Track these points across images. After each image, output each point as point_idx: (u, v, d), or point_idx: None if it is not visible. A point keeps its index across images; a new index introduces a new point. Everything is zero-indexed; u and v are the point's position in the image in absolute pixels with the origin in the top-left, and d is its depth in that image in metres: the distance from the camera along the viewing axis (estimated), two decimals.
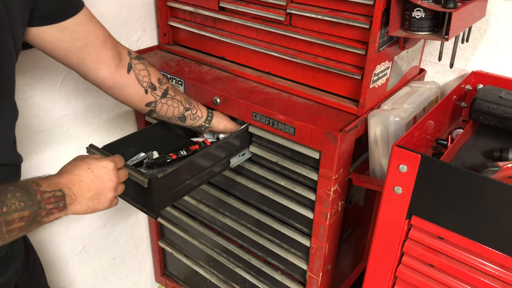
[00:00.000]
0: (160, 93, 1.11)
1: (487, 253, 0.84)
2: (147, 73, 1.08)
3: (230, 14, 1.32)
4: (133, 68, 1.05)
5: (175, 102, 1.15)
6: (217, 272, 1.63)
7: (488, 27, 1.25)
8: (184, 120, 1.19)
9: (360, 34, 1.10)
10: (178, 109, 1.16)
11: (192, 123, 1.21)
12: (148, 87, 1.08)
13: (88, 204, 0.82)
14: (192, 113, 1.19)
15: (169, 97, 1.14)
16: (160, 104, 1.13)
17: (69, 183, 0.80)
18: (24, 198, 0.71)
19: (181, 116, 1.17)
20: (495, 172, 0.91)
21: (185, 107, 1.18)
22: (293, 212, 1.25)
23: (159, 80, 1.12)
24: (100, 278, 1.71)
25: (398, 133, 1.08)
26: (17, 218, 0.70)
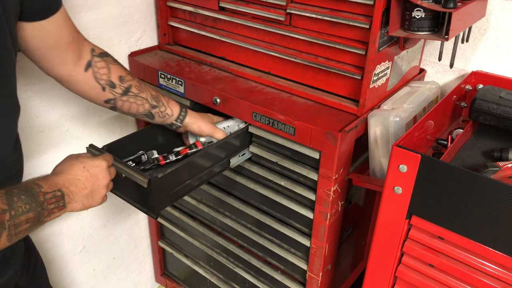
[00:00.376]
0: (120, 90, 1.09)
1: (487, 253, 0.84)
2: (107, 71, 1.07)
3: (230, 14, 1.32)
4: (92, 66, 1.04)
5: (138, 100, 1.12)
6: (217, 272, 1.63)
7: (488, 27, 1.25)
8: (153, 117, 1.16)
9: (360, 34, 1.10)
10: (143, 107, 1.13)
11: (162, 121, 1.18)
12: (106, 85, 1.06)
13: (84, 201, 0.88)
14: (161, 111, 1.16)
15: (132, 95, 1.11)
16: (120, 102, 1.10)
17: (67, 183, 0.84)
18: (28, 201, 0.74)
19: (147, 113, 1.15)
20: (495, 172, 0.91)
21: (152, 104, 1.14)
22: (293, 212, 1.25)
23: (121, 78, 1.09)
24: (100, 278, 1.71)
25: (398, 133, 1.08)
26: (24, 221, 0.73)
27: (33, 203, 0.75)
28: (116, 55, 1.43)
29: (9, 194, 0.73)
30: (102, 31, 1.36)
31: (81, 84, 1.04)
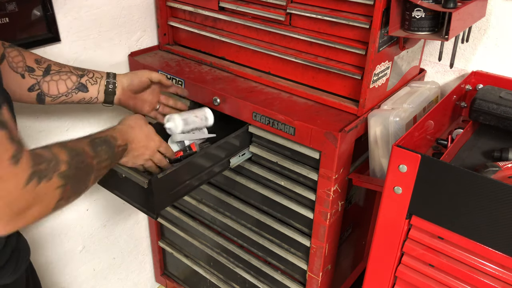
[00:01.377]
0: (40, 72, 1.03)
1: (487, 253, 0.84)
2: (22, 58, 1.01)
3: (230, 14, 1.32)
4: (6, 56, 0.99)
5: (62, 74, 1.06)
6: (217, 272, 1.63)
7: (488, 27, 1.25)
8: (85, 88, 1.09)
9: (360, 34, 1.10)
10: (71, 80, 1.07)
11: (96, 88, 1.10)
12: (24, 71, 1.01)
13: (127, 159, 1.01)
14: (89, 77, 1.10)
15: (54, 72, 1.05)
16: (45, 84, 1.04)
17: (131, 141, 0.99)
18: (108, 151, 0.88)
19: (78, 85, 1.08)
20: (495, 172, 0.91)
21: (78, 74, 1.08)
22: (293, 212, 1.25)
23: (37, 60, 1.04)
24: (100, 278, 1.71)
25: (398, 133, 1.08)
26: (103, 167, 0.87)
27: (111, 153, 0.89)
28: (116, 55, 1.44)
29: (93, 144, 0.85)
30: (102, 31, 1.36)
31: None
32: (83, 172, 0.80)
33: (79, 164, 0.78)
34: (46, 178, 0.68)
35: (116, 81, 1.13)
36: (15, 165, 0.63)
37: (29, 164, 0.65)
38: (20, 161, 0.63)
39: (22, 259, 0.89)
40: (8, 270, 0.85)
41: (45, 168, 0.68)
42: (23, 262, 0.89)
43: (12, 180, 0.62)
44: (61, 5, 1.23)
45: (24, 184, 0.64)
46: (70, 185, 0.74)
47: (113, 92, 1.13)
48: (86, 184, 0.82)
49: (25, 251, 0.91)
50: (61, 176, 0.72)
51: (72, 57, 1.31)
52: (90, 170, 0.82)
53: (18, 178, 0.63)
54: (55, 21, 1.22)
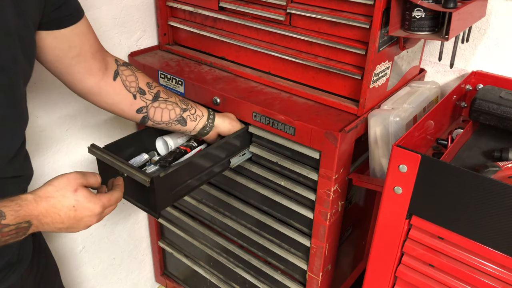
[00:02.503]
0: (150, 96, 1.08)
1: (487, 253, 0.84)
2: (135, 78, 1.06)
3: (230, 14, 1.32)
4: (120, 74, 1.03)
5: (169, 104, 1.11)
6: (217, 272, 1.63)
7: (488, 27, 1.26)
8: (185, 122, 1.14)
9: (360, 34, 1.10)
10: (174, 111, 1.11)
11: (194, 125, 1.15)
12: (136, 92, 1.05)
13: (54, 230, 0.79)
14: (191, 113, 1.14)
15: (162, 100, 1.10)
16: (152, 109, 1.09)
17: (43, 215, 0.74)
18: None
19: (179, 118, 1.12)
20: (495, 172, 0.91)
21: (182, 108, 1.13)
22: (293, 212, 1.25)
23: (148, 84, 1.08)
24: (100, 278, 1.71)
25: (398, 133, 1.08)
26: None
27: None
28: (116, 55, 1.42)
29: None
30: (102, 31, 1.36)
31: (111, 95, 1.03)
32: None
33: None
34: None
35: (214, 125, 1.18)
36: None
37: None
38: None
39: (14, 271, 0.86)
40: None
41: None
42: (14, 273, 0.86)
43: None
44: None
45: None
46: None
47: (207, 133, 1.18)
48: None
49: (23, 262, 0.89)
50: None
51: None
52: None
53: None
54: None
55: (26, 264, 0.91)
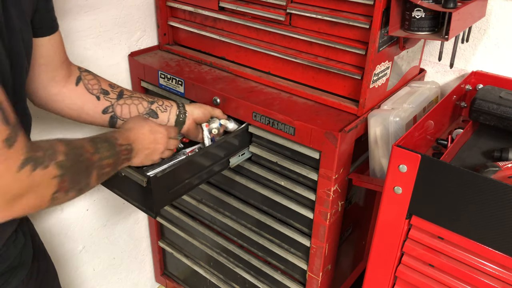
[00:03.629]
0: (114, 95, 1.08)
1: (487, 253, 0.84)
2: (97, 81, 1.07)
3: (230, 14, 1.32)
4: (82, 79, 1.05)
5: (135, 99, 1.10)
6: (217, 272, 1.63)
7: (488, 27, 1.25)
8: (156, 115, 1.12)
9: (360, 34, 1.10)
10: (142, 105, 1.11)
11: (167, 116, 1.14)
12: (99, 93, 1.07)
13: (142, 159, 0.99)
14: (159, 105, 1.13)
15: (126, 96, 1.10)
16: (118, 107, 1.08)
17: (136, 140, 0.96)
18: (109, 148, 0.86)
19: (149, 111, 1.12)
20: (495, 172, 0.91)
21: (149, 101, 1.12)
22: (293, 212, 1.25)
23: (111, 85, 1.10)
24: (100, 278, 1.71)
25: (398, 133, 1.08)
26: (106, 164, 0.84)
27: (113, 152, 0.87)
28: (116, 55, 1.44)
29: (93, 141, 0.83)
30: (102, 31, 1.36)
31: (74, 99, 1.04)
32: (82, 166, 0.77)
33: (78, 157, 0.76)
34: (41, 166, 0.66)
35: (187, 111, 1.16)
36: (9, 148, 0.61)
37: (24, 149, 0.64)
38: (14, 145, 0.62)
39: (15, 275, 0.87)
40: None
41: (41, 155, 0.67)
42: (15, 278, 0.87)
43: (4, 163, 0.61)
44: (61, 5, 1.23)
45: (18, 169, 0.63)
46: (68, 177, 0.72)
47: (184, 122, 1.16)
48: (87, 180, 0.79)
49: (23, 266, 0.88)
50: (58, 165, 0.70)
51: (72, 57, 1.31)
52: (90, 165, 0.80)
53: (11, 162, 0.62)
54: None
55: (27, 268, 0.90)
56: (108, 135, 0.90)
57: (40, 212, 1.39)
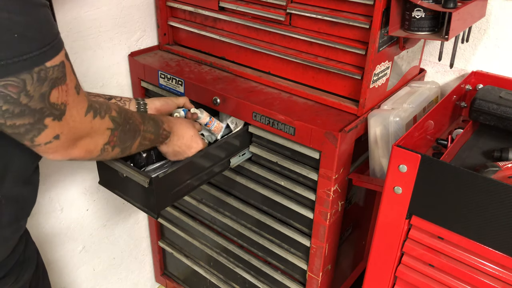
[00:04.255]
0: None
1: (487, 253, 0.84)
2: None
3: (230, 14, 1.32)
4: None
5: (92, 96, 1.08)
6: (217, 272, 1.63)
7: (488, 27, 1.26)
8: None
9: (360, 34, 1.10)
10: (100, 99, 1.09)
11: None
12: None
13: (169, 151, 1.06)
14: (117, 100, 1.14)
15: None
16: None
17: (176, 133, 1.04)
18: (154, 126, 0.96)
19: None
20: (495, 172, 0.91)
21: (106, 97, 1.12)
22: (293, 212, 1.25)
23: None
24: (100, 278, 1.71)
25: (398, 133, 1.08)
26: (147, 137, 0.94)
27: (156, 129, 0.96)
28: (116, 55, 1.44)
29: (143, 116, 0.94)
30: (102, 31, 1.36)
31: None
32: (131, 128, 0.87)
33: (128, 119, 0.86)
34: (100, 115, 0.77)
35: (147, 103, 1.16)
36: (77, 95, 0.71)
37: (86, 98, 0.74)
38: (80, 92, 0.72)
39: (26, 270, 0.89)
40: (10, 280, 0.85)
41: (99, 107, 0.77)
42: (26, 272, 0.89)
43: (76, 107, 0.71)
44: (61, 5, 1.23)
45: (84, 113, 0.73)
46: (118, 133, 0.83)
47: (145, 111, 1.15)
48: (132, 142, 0.89)
49: (30, 261, 0.91)
50: (111, 118, 0.81)
51: (72, 57, 1.31)
52: (137, 131, 0.90)
53: (80, 107, 0.72)
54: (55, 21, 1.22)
55: (33, 263, 0.93)
56: (156, 116, 1.00)
57: (40, 212, 1.39)
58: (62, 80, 0.67)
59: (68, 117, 0.70)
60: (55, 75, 0.66)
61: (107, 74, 1.44)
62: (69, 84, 0.69)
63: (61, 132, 0.70)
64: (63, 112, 0.69)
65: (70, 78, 0.69)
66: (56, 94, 0.67)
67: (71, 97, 0.70)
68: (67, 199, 1.46)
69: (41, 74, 0.64)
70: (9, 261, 0.84)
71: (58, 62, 0.66)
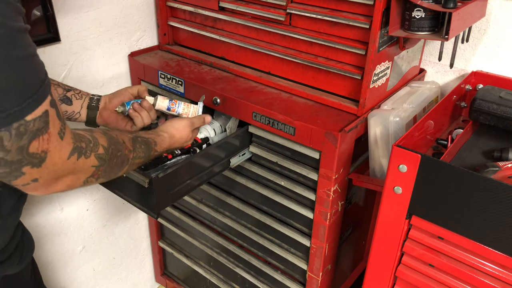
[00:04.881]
0: None
1: (487, 253, 0.84)
2: None
3: (230, 14, 1.32)
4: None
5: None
6: (217, 272, 1.63)
7: (488, 27, 1.25)
8: (70, 101, 1.10)
9: (360, 34, 1.10)
10: (57, 92, 1.08)
11: (80, 103, 1.11)
12: None
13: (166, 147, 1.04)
14: (76, 93, 1.11)
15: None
16: None
17: (168, 147, 1.03)
18: (145, 151, 0.94)
19: (63, 98, 1.09)
20: (495, 172, 0.91)
21: (65, 88, 1.10)
22: (293, 212, 1.25)
23: None
24: (100, 278, 1.71)
25: (398, 133, 1.08)
26: (137, 162, 0.92)
27: (147, 154, 0.95)
28: (116, 55, 1.44)
29: (134, 141, 0.91)
30: (102, 31, 1.36)
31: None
32: (119, 161, 0.85)
33: (116, 152, 0.84)
34: (84, 155, 0.76)
35: (100, 97, 1.14)
36: (61, 140, 0.69)
37: (72, 140, 0.72)
38: (64, 137, 0.70)
39: (27, 251, 0.93)
40: (14, 261, 0.89)
41: (85, 146, 0.76)
42: (28, 254, 0.93)
43: (58, 153, 0.69)
44: (61, 5, 1.23)
45: (67, 157, 0.71)
46: (103, 168, 0.81)
47: (96, 107, 1.12)
48: (118, 172, 0.88)
49: (29, 244, 0.95)
50: (97, 156, 0.79)
51: (72, 57, 1.31)
52: (124, 161, 0.88)
53: (63, 152, 0.70)
54: (55, 21, 1.22)
55: (32, 247, 0.96)
56: (150, 138, 0.98)
57: (40, 212, 1.39)
58: (43, 130, 0.65)
59: (48, 163, 0.67)
60: (36, 127, 0.64)
61: (107, 74, 1.44)
62: (52, 131, 0.67)
63: (40, 176, 0.68)
64: (43, 159, 0.66)
65: (54, 125, 0.67)
66: (36, 145, 0.64)
67: (53, 144, 0.67)
68: (67, 199, 1.46)
69: (20, 129, 0.62)
70: (11, 244, 0.88)
71: (41, 113, 0.64)
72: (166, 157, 1.15)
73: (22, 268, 0.93)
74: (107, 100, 1.14)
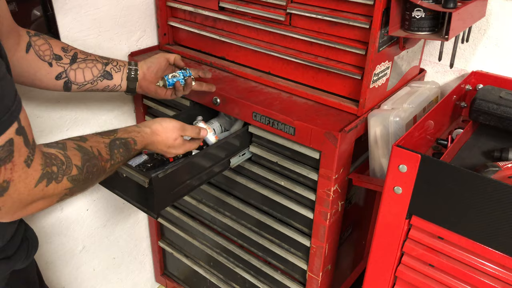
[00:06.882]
0: (67, 60, 1.04)
1: (487, 253, 0.84)
2: (48, 46, 1.02)
3: (230, 14, 1.32)
4: (33, 45, 0.99)
5: (89, 62, 1.07)
6: (217, 272, 1.63)
7: (488, 27, 1.26)
8: (110, 76, 1.10)
9: (360, 34, 1.10)
10: (96, 68, 1.08)
11: (120, 76, 1.12)
12: (51, 60, 1.02)
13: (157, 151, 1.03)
14: (114, 65, 1.11)
15: (80, 60, 1.06)
16: (72, 72, 1.05)
17: (151, 144, 0.99)
18: (124, 154, 0.90)
19: (104, 73, 1.09)
20: (495, 172, 0.91)
21: (103, 62, 1.10)
22: (293, 212, 1.25)
23: (64, 48, 1.04)
24: (100, 278, 1.71)
25: (398, 133, 1.08)
26: (116, 167, 0.89)
27: (126, 157, 0.91)
28: (116, 55, 1.44)
29: (112, 146, 0.87)
30: (102, 31, 1.36)
31: (25, 67, 0.99)
32: (94, 176, 0.81)
33: (91, 168, 0.80)
34: (55, 180, 0.71)
35: (138, 68, 1.14)
36: (27, 168, 0.65)
37: (41, 167, 0.68)
38: (32, 164, 0.66)
39: (32, 246, 0.93)
40: (21, 255, 0.89)
41: (56, 170, 0.71)
42: (33, 248, 0.93)
43: (23, 181, 0.65)
44: (61, 5, 1.23)
45: (34, 185, 0.67)
46: (78, 188, 0.77)
47: (135, 78, 1.13)
48: (95, 183, 0.85)
49: (33, 239, 0.95)
50: (70, 179, 0.74)
51: None
52: (101, 173, 0.84)
53: (28, 180, 0.66)
54: (55, 21, 1.22)
55: (36, 243, 0.96)
56: (130, 138, 0.93)
57: (40, 212, 1.39)
58: (7, 159, 0.61)
59: (11, 192, 0.64)
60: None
61: None
62: (17, 160, 0.63)
63: (3, 205, 0.65)
64: (5, 189, 0.63)
65: (20, 154, 0.63)
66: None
67: (17, 173, 0.63)
68: (67, 199, 1.46)
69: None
70: (17, 236, 0.87)
71: (3, 143, 0.60)
72: (167, 160, 1.16)
73: (28, 263, 0.93)
74: (145, 70, 1.14)
